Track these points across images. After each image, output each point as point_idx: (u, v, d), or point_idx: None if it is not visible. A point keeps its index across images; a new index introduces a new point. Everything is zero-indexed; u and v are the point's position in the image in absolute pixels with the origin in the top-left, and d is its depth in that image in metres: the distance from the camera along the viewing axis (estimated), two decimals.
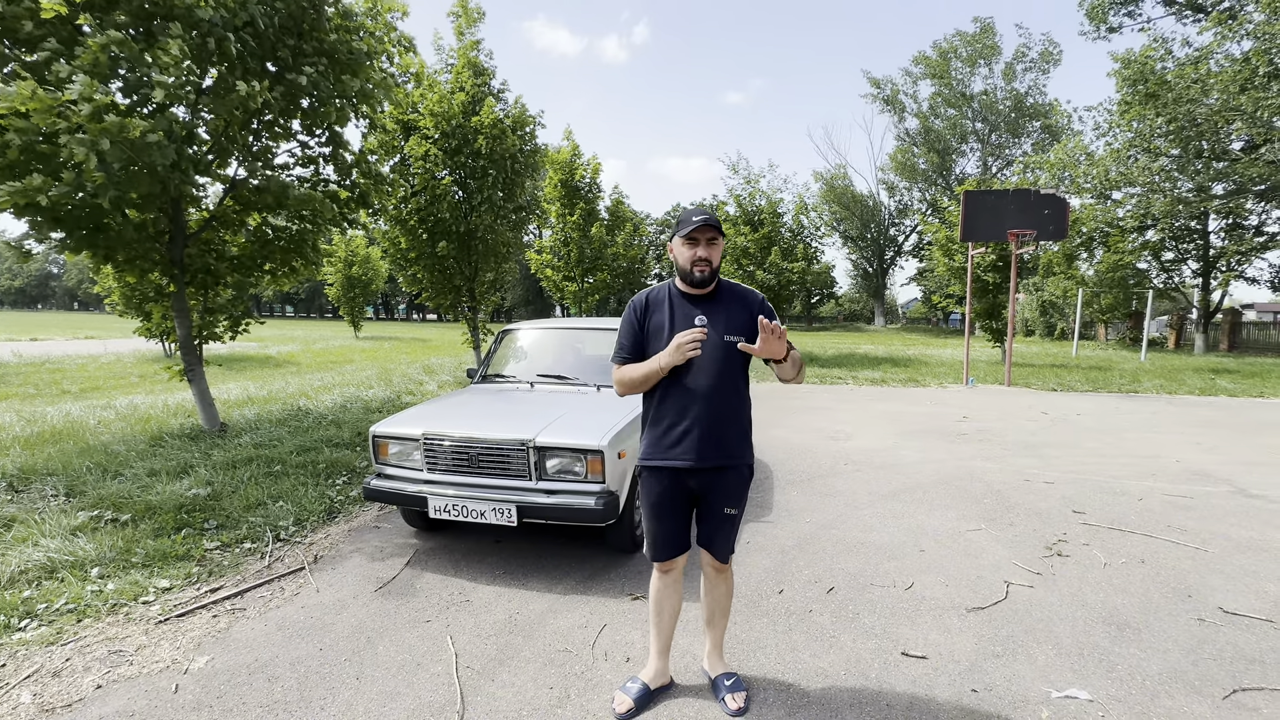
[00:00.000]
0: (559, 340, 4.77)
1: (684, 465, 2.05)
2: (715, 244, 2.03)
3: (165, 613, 2.81)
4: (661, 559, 2.16)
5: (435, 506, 3.15)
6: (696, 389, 2.03)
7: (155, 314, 6.59)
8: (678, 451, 2.06)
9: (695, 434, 2.03)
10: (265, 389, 9.52)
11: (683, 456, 2.05)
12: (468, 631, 2.66)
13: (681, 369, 2.03)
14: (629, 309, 2.17)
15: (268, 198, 5.56)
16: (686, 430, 2.04)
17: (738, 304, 2.09)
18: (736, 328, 2.04)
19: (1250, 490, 4.84)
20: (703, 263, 2.01)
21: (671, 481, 2.09)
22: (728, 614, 2.28)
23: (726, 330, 2.03)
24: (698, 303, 2.08)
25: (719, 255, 2.06)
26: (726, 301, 2.09)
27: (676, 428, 2.05)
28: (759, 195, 15.80)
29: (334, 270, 27.60)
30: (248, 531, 3.72)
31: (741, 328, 2.05)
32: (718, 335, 2.03)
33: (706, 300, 2.08)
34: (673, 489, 2.10)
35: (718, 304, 2.08)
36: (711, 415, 2.03)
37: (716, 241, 2.03)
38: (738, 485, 2.12)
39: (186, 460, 5.04)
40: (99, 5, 4.34)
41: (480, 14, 9.93)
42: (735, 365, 2.06)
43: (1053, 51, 35.26)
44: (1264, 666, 2.42)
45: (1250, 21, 13.75)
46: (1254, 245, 22.70)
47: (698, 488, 2.10)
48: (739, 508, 2.14)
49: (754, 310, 2.07)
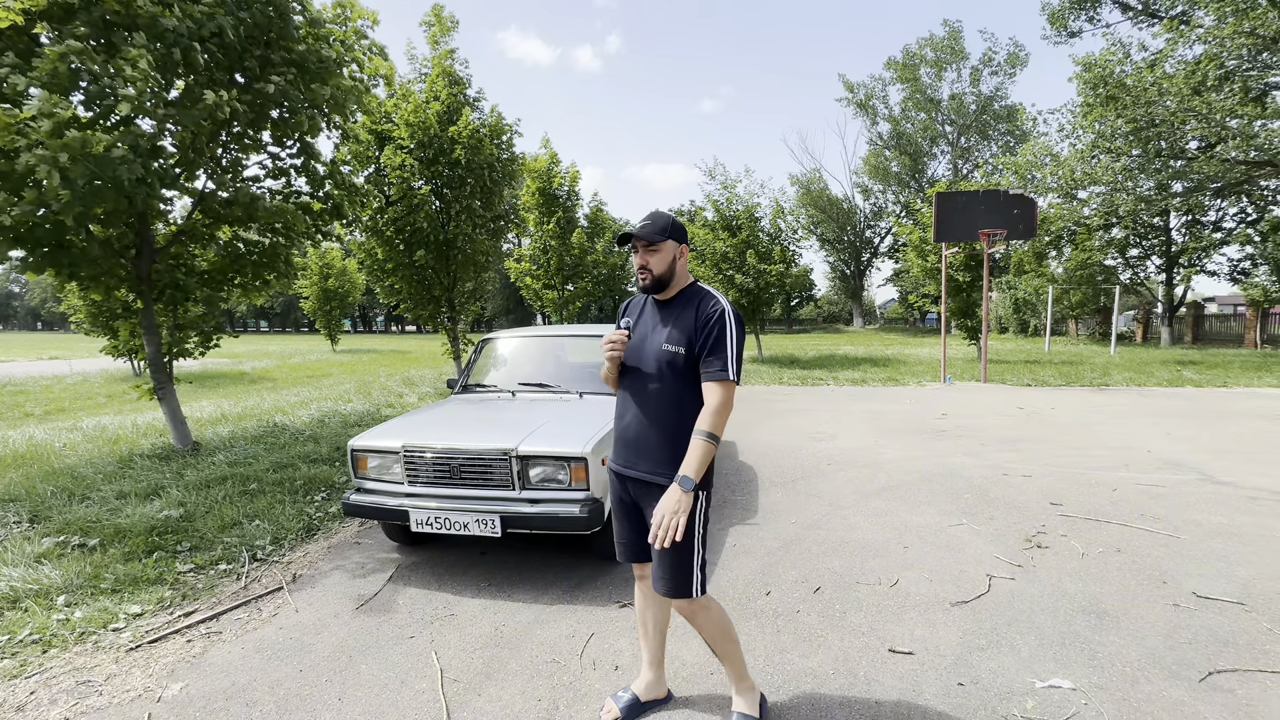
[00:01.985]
0: (540, 348, 4.75)
1: (617, 469, 2.06)
2: (653, 251, 1.94)
3: (136, 639, 2.71)
4: (622, 559, 2.15)
5: (417, 520, 3.10)
6: (632, 395, 2.01)
7: (123, 332, 6.41)
8: (616, 455, 2.07)
9: (624, 440, 2.02)
10: (239, 406, 9.30)
11: (616, 460, 2.07)
12: (453, 646, 2.62)
13: (630, 372, 2.01)
14: (618, 312, 2.17)
15: (237, 210, 5.45)
16: (621, 435, 2.05)
17: (689, 313, 1.96)
18: (679, 338, 1.92)
19: (1218, 477, 4.98)
20: (643, 271, 1.97)
21: (619, 485, 2.08)
22: (728, 656, 2.05)
23: (667, 339, 1.94)
24: (660, 307, 2.03)
25: (662, 262, 1.96)
26: (681, 308, 1.98)
27: (616, 431, 2.08)
28: (736, 200, 15.94)
29: (309, 283, 27.13)
30: (223, 552, 3.62)
31: (684, 338, 1.91)
32: (657, 344, 1.95)
33: (667, 305, 2.02)
34: (620, 492, 2.08)
35: (673, 309, 2.00)
36: (640, 424, 1.97)
37: (654, 248, 1.94)
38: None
39: (157, 481, 4.89)
40: (57, 16, 4.23)
41: (454, 22, 9.90)
42: (675, 375, 1.92)
43: (1019, 55, 36.24)
44: (1237, 648, 2.48)
45: (1201, 26, 14.29)
46: (1212, 240, 23.55)
47: (632, 498, 2.05)
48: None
49: (699, 321, 1.91)
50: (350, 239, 10.69)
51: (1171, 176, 17.25)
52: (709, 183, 16.38)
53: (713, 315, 1.91)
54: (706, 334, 1.89)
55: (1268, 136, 13.93)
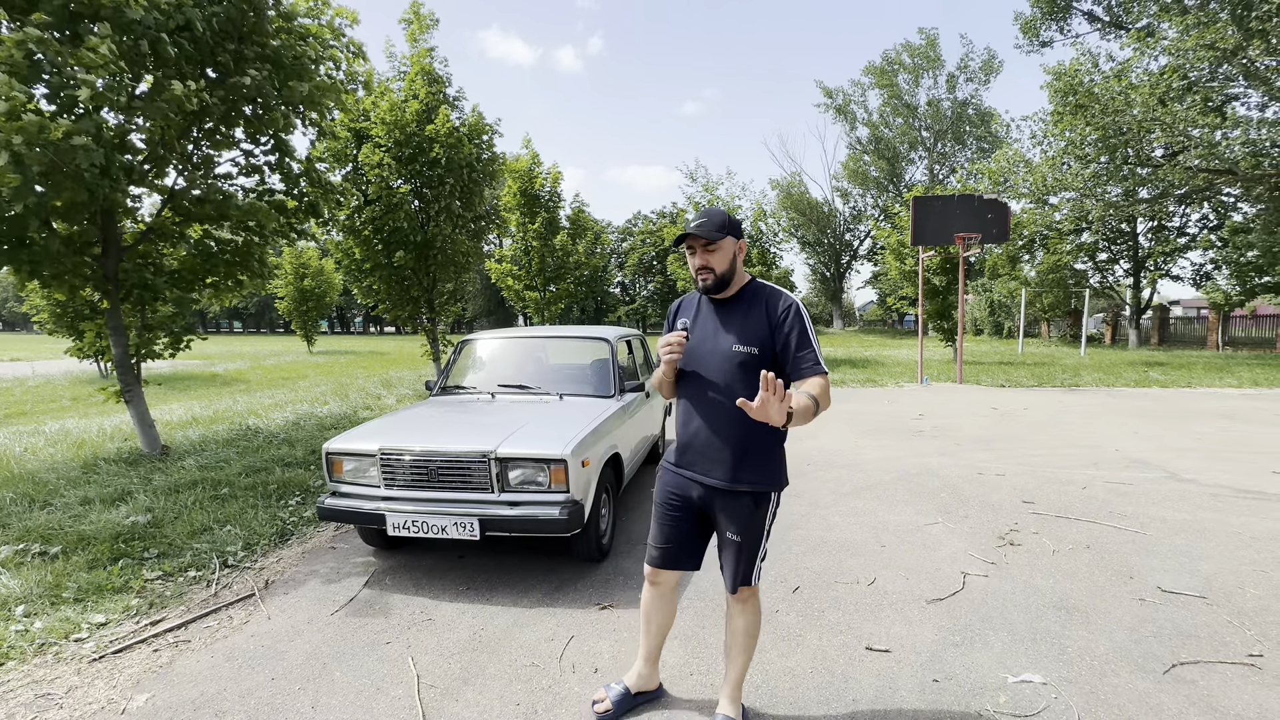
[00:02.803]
0: (520, 349, 4.72)
1: (687, 476, 1.96)
2: (713, 250, 1.85)
3: (100, 650, 2.62)
4: (652, 564, 2.06)
5: (394, 523, 3.05)
6: (701, 400, 1.90)
7: (88, 333, 6.20)
8: (684, 461, 1.98)
9: (694, 447, 1.93)
10: (211, 408, 9.08)
11: (686, 468, 1.97)
12: (430, 651, 2.58)
13: (690, 377, 1.92)
14: (668, 313, 2.09)
15: (209, 208, 5.32)
16: (688, 442, 1.95)
17: (758, 310, 1.86)
18: (751, 337, 1.82)
19: (1182, 475, 5.14)
20: (703, 271, 1.87)
21: (676, 488, 2.00)
22: (747, 652, 2.03)
23: (738, 340, 1.84)
24: (720, 307, 1.93)
25: (723, 260, 1.86)
26: (747, 307, 1.88)
27: (682, 437, 1.98)
28: (717, 203, 16.04)
29: (284, 283, 26.60)
30: (192, 559, 3.52)
31: (756, 338, 1.82)
32: (725, 346, 1.85)
33: (728, 304, 1.92)
34: (677, 497, 2.00)
35: (736, 309, 1.89)
36: (712, 431, 1.88)
37: (714, 247, 1.85)
38: (742, 512, 1.89)
39: (124, 486, 4.75)
40: (19, 6, 4.09)
41: (433, 20, 9.80)
42: (747, 377, 1.81)
43: (994, 63, 37.03)
44: (1199, 641, 2.56)
45: (1165, 38, 14.77)
46: (1177, 245, 24.34)
47: (701, 504, 1.97)
48: (745, 535, 1.90)
49: (773, 320, 1.83)
50: (327, 239, 10.51)
51: (1138, 183, 17.80)
52: (690, 185, 16.47)
53: (789, 312, 1.83)
54: (787, 332, 1.80)
55: (1227, 145, 14.45)
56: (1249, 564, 3.32)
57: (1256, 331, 22.42)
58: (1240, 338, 22.59)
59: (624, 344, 4.87)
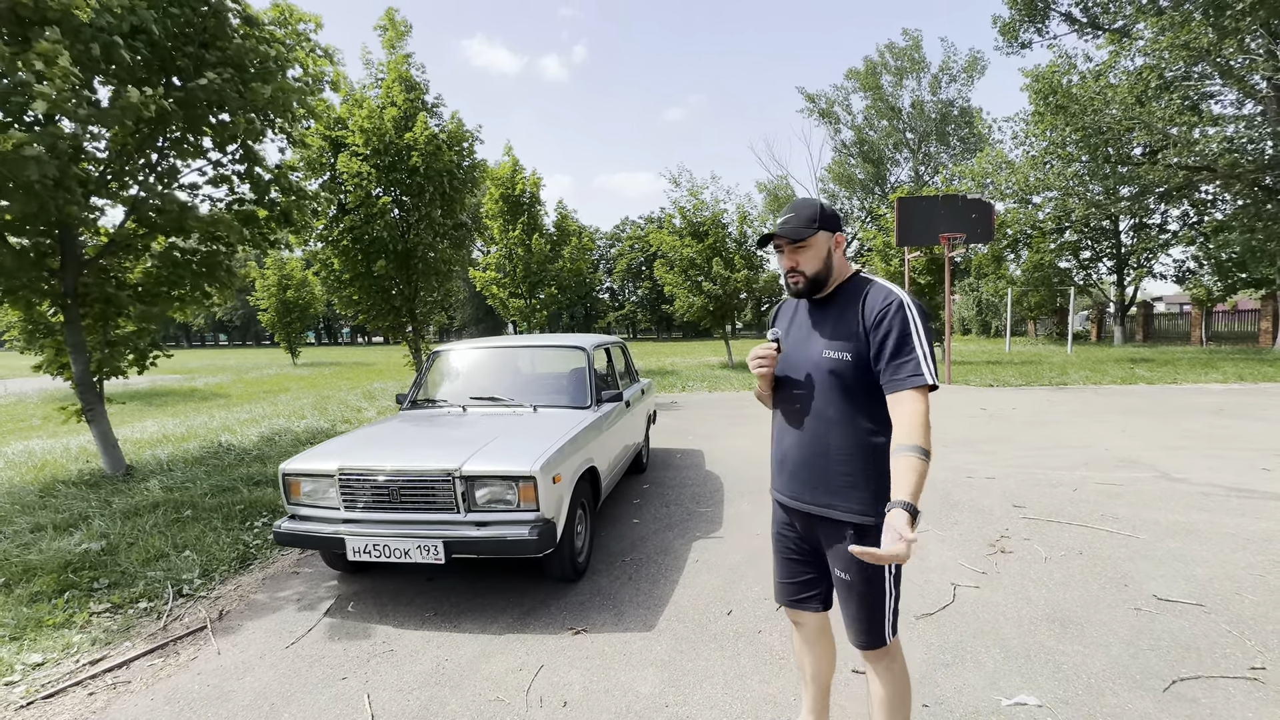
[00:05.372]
0: (494, 360, 4.56)
1: (783, 503, 1.77)
2: (802, 248, 1.65)
3: (29, 695, 2.43)
4: (779, 601, 1.88)
5: (354, 548, 2.88)
6: (789, 414, 1.70)
7: (48, 350, 5.97)
8: (778, 484, 1.77)
9: (787, 468, 1.72)
10: (185, 425, 8.82)
11: (782, 491, 1.76)
12: (389, 687, 2.41)
13: (781, 389, 1.74)
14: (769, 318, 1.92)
15: (167, 219, 5.13)
16: (781, 461, 1.75)
17: (853, 308, 1.62)
18: (840, 342, 1.60)
19: (1172, 474, 5.06)
20: (793, 274, 1.68)
21: (783, 514, 1.80)
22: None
23: (828, 344, 1.62)
24: (816, 307, 1.73)
25: (815, 259, 1.65)
26: (842, 306, 1.65)
27: (776, 455, 1.78)
28: (703, 207, 15.97)
29: (266, 295, 26.21)
30: (145, 589, 3.33)
31: (846, 342, 1.59)
32: (815, 350, 1.64)
33: (823, 304, 1.71)
34: (785, 524, 1.80)
35: (831, 308, 1.68)
36: (803, 449, 1.66)
37: (803, 245, 1.65)
38: (845, 545, 1.59)
39: (81, 511, 4.54)
40: None
41: (407, 27, 9.67)
42: (841, 386, 1.59)
43: (977, 65, 37.39)
44: (1199, 653, 2.45)
45: (1141, 39, 14.93)
46: (1158, 242, 24.61)
47: (804, 533, 1.76)
48: (855, 575, 1.60)
49: (868, 318, 1.57)
50: (308, 249, 10.30)
51: (1119, 182, 17.95)
52: (674, 190, 16.39)
53: (889, 308, 1.55)
54: (885, 332, 1.53)
55: (1205, 143, 14.59)
56: (1245, 567, 3.23)
57: (1239, 326, 22.66)
58: (1223, 333, 22.82)
59: (602, 352, 4.73)
